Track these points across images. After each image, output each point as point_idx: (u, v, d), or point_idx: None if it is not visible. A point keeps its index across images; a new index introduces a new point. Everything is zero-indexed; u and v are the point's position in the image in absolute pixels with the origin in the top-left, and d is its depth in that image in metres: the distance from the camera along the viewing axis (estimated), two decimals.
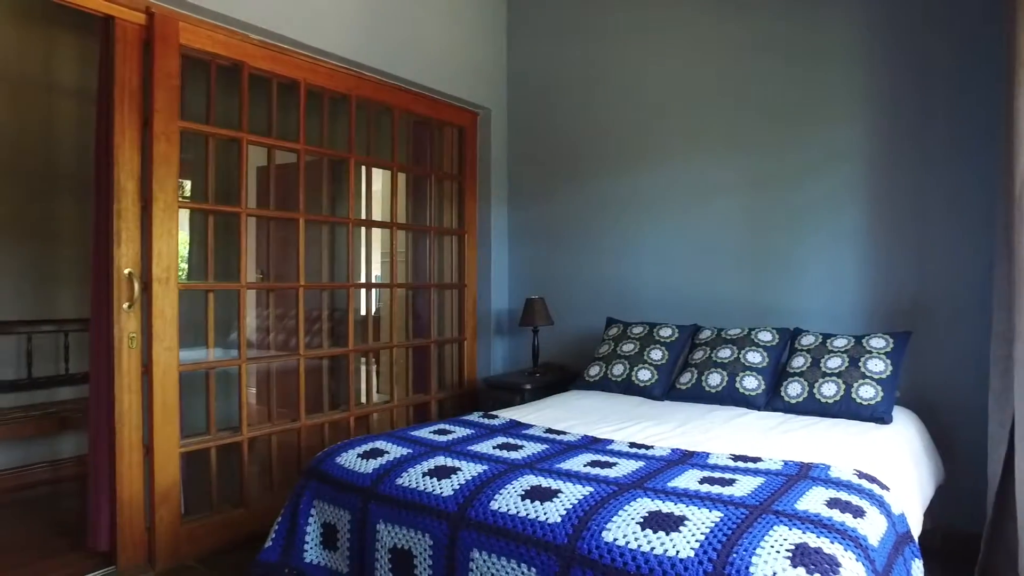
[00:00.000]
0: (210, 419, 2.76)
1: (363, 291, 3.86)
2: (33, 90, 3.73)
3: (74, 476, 3.66)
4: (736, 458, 1.90)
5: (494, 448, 1.98)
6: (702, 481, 1.65)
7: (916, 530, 1.77)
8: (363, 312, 3.73)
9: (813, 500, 1.48)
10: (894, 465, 1.98)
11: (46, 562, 2.60)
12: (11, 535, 2.90)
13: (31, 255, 3.72)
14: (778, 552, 1.24)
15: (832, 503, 1.46)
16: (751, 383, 2.77)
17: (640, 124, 3.60)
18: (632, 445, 2.08)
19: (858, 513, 1.43)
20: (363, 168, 3.44)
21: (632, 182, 3.64)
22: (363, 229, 3.48)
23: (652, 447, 2.06)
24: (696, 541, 1.31)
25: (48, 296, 3.78)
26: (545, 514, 1.49)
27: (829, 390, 2.56)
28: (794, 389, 2.64)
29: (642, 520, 1.40)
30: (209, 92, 2.75)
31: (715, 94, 3.35)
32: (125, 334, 2.48)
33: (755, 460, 1.88)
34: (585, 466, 1.80)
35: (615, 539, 1.37)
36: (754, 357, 2.84)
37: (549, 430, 2.27)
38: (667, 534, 1.35)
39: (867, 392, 2.48)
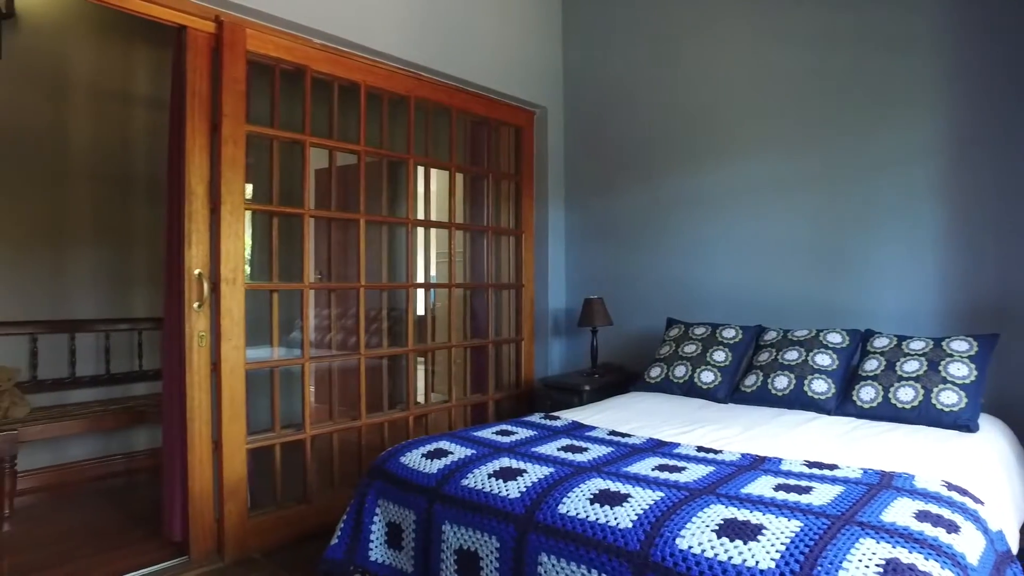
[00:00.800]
0: (275, 416, 2.82)
1: (420, 291, 3.88)
2: (112, 101, 3.91)
3: (148, 467, 3.83)
4: (811, 464, 1.82)
5: (558, 450, 1.95)
6: (777, 488, 1.58)
7: (1015, 548, 1.66)
8: (420, 312, 3.76)
9: (900, 512, 1.40)
10: (985, 477, 1.86)
11: (127, 549, 2.71)
12: (95, 522, 3.04)
13: (109, 257, 3.89)
14: (867, 567, 1.17)
15: (922, 516, 1.37)
16: (820, 386, 2.66)
17: (702, 119, 3.51)
18: (700, 449, 2.02)
19: (952, 528, 1.34)
20: (420, 169, 3.46)
21: (694, 179, 3.55)
22: (420, 229, 3.50)
23: (721, 451, 1.99)
24: (776, 552, 1.25)
25: (123, 296, 3.95)
26: (616, 519, 1.45)
27: (906, 395, 2.43)
28: (867, 393, 2.53)
29: (717, 528, 1.35)
30: (273, 96, 2.81)
31: (783, 87, 3.23)
32: (195, 333, 2.56)
33: (831, 467, 1.79)
34: (653, 470, 1.76)
35: (690, 547, 1.32)
36: (823, 359, 2.73)
37: (613, 432, 2.23)
38: (744, 543, 1.29)
39: (949, 398, 2.34)
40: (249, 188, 4.01)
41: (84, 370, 3.77)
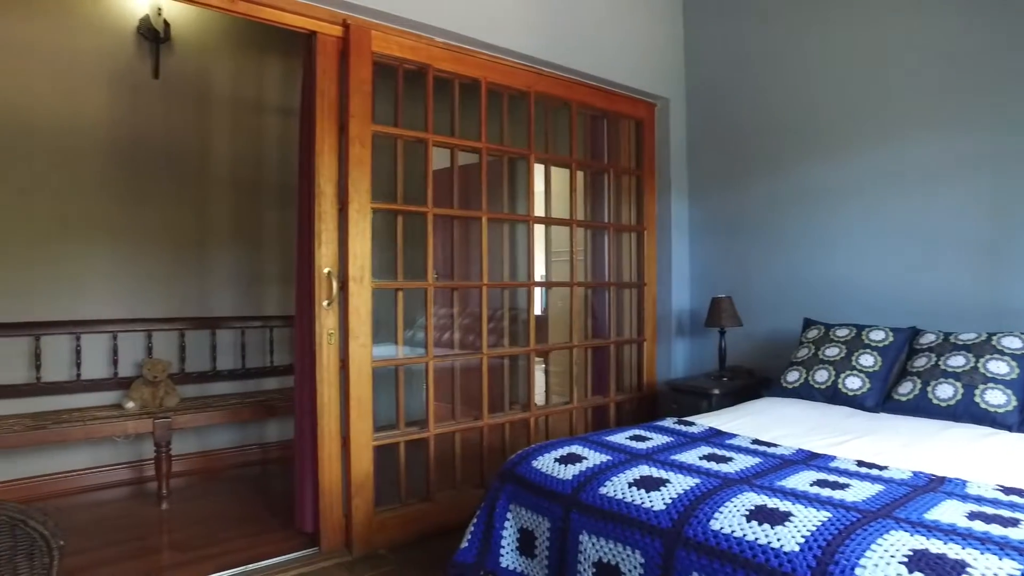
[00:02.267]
0: (399, 414, 2.84)
1: (537, 290, 3.82)
2: (247, 111, 4.15)
3: (279, 458, 4.02)
4: (1007, 490, 1.56)
5: (700, 459, 1.81)
6: (971, 516, 1.36)
7: None
8: (538, 312, 3.69)
9: None
10: None
11: (264, 536, 2.83)
12: (235, 507, 3.22)
13: (244, 258, 4.13)
14: None
15: None
16: (996, 398, 2.33)
17: (844, 100, 3.20)
18: (860, 464, 1.81)
19: None
20: (537, 165, 3.39)
21: (831, 166, 3.25)
22: (540, 227, 3.43)
23: (886, 467, 1.77)
24: None
25: (256, 294, 4.18)
26: (779, 540, 1.30)
27: None
28: None
29: (906, 560, 1.17)
30: (397, 95, 2.84)
31: (940, 58, 2.87)
32: (325, 330, 2.62)
33: None
34: (812, 485, 1.58)
35: None
36: (998, 367, 2.39)
37: (756, 441, 2.06)
38: None
39: None
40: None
41: (223, 364, 4.02)
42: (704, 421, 2.37)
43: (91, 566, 2.55)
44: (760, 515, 1.39)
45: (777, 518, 1.37)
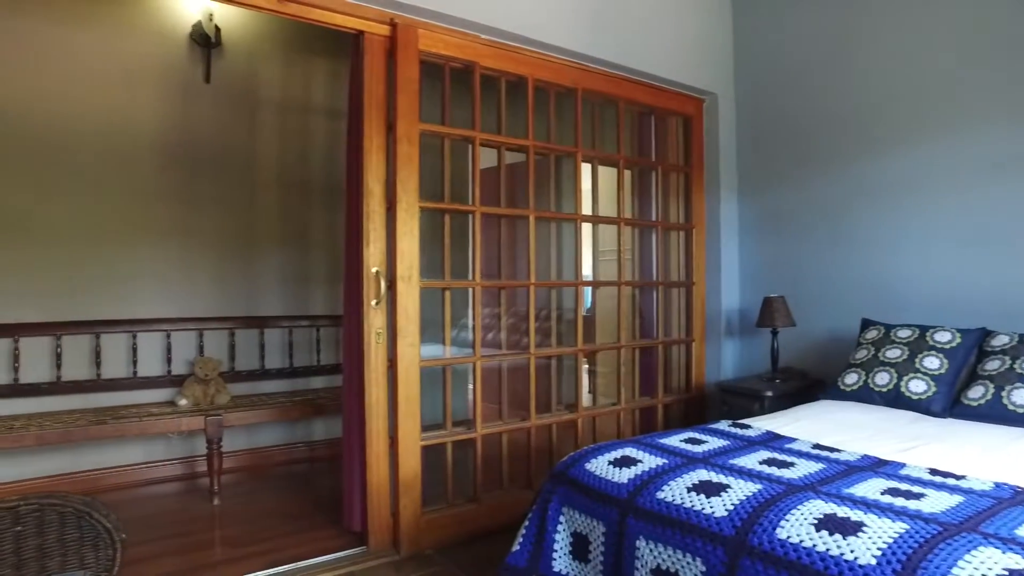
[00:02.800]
0: (446, 415, 2.83)
1: (583, 290, 3.77)
2: (294, 113, 4.21)
3: (325, 457, 4.06)
4: None
5: (760, 464, 1.74)
6: None
7: None
8: (584, 312, 3.64)
9: None
10: None
11: (312, 533, 2.85)
12: (284, 504, 3.26)
13: (291, 258, 4.19)
14: None
15: None
16: None
17: (904, 91, 3.06)
18: (934, 472, 1.71)
19: None
20: (584, 163, 3.34)
21: (893, 162, 3.11)
22: (586, 226, 3.38)
23: (964, 476, 1.67)
24: None
25: (303, 294, 4.23)
26: (852, 552, 1.23)
27: None
28: None
29: None
30: (444, 94, 2.83)
31: (1014, 42, 2.72)
32: (373, 330, 2.62)
33: None
34: (883, 494, 1.50)
35: None
36: None
37: (817, 445, 1.97)
38: None
39: None
40: None
41: (271, 363, 4.08)
42: (760, 424, 2.29)
43: (147, 559, 2.61)
44: (830, 524, 1.32)
45: (849, 528, 1.30)
